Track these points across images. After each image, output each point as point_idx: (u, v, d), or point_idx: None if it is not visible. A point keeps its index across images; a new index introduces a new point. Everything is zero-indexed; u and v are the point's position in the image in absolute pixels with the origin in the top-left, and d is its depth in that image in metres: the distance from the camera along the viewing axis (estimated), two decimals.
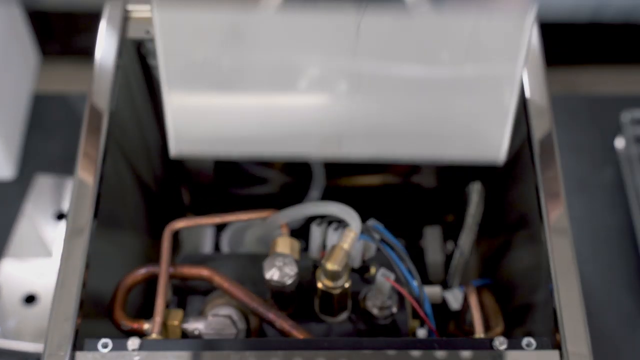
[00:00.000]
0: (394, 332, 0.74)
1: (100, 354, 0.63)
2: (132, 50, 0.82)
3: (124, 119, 0.82)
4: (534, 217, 0.71)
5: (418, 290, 0.73)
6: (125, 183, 0.83)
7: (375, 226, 0.74)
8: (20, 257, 1.16)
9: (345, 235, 0.69)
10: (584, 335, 0.63)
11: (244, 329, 0.72)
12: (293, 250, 0.73)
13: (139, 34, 0.80)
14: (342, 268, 0.68)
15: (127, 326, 0.70)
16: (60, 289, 0.65)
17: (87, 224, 0.69)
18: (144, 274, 0.73)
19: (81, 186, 0.71)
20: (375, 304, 0.73)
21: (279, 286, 0.69)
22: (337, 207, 0.72)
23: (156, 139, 0.95)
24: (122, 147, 0.81)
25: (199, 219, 0.77)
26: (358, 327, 0.74)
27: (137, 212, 0.88)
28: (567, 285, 0.65)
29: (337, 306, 0.72)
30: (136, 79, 0.85)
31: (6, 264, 1.15)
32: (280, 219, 0.76)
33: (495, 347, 0.63)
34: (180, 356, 0.63)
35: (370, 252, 0.75)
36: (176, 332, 0.72)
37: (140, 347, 0.63)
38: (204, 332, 0.71)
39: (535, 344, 0.63)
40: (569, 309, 0.64)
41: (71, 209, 0.70)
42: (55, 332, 0.63)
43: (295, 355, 0.63)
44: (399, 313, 0.74)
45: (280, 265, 0.69)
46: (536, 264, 0.71)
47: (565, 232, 0.68)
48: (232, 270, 0.77)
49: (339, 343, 0.64)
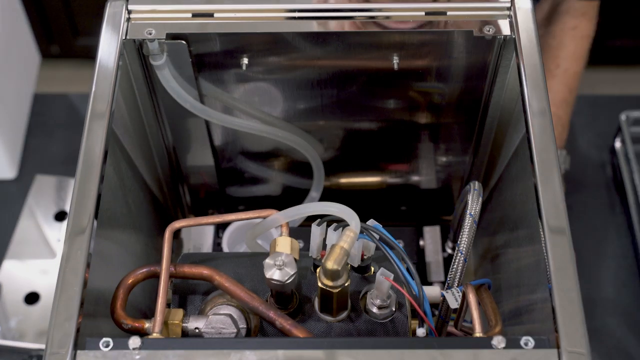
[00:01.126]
0: (394, 331, 0.74)
1: (101, 353, 0.63)
2: (133, 51, 0.82)
3: (125, 119, 0.83)
4: (533, 217, 0.71)
5: (417, 289, 0.73)
6: (126, 183, 0.83)
7: (375, 226, 0.74)
8: (21, 257, 1.17)
9: (345, 235, 0.69)
10: (583, 335, 0.63)
11: (244, 328, 0.72)
12: (293, 250, 0.73)
13: (140, 35, 0.81)
14: (341, 267, 0.68)
15: (128, 325, 0.71)
16: (61, 288, 0.66)
17: (88, 223, 0.69)
18: (144, 274, 0.74)
19: (82, 186, 0.71)
20: (375, 303, 0.74)
21: (279, 286, 0.70)
22: (337, 207, 0.73)
23: (157, 139, 0.95)
24: (123, 147, 0.82)
25: (199, 219, 0.78)
26: (358, 326, 0.74)
27: (137, 211, 0.88)
28: (566, 284, 0.65)
29: (337, 305, 0.73)
30: (137, 79, 0.85)
31: (7, 264, 1.15)
32: (280, 219, 0.76)
33: (494, 346, 0.63)
34: (180, 355, 0.63)
35: (369, 251, 0.76)
36: (177, 331, 0.72)
37: (141, 346, 0.63)
38: (204, 331, 0.71)
39: (533, 343, 0.63)
40: (567, 308, 0.64)
41: (72, 209, 0.70)
42: (56, 331, 0.64)
43: (295, 354, 0.63)
44: (399, 312, 0.75)
45: (280, 265, 0.69)
46: (535, 264, 0.71)
47: (563, 232, 0.68)
48: (232, 270, 0.77)
49: (338, 342, 0.65)
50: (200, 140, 0.97)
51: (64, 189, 1.24)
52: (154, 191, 0.96)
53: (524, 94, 0.76)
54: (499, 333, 0.71)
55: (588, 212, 1.21)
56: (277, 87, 0.90)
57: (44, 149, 1.30)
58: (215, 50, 0.85)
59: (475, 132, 0.95)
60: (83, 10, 2.07)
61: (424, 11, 0.81)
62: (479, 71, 0.87)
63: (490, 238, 0.93)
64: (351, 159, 1.01)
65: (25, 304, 1.11)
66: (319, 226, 0.73)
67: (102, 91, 0.76)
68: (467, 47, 0.84)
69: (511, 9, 0.81)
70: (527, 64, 0.78)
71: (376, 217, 0.75)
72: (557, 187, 0.70)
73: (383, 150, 1.00)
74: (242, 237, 1.05)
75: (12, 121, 1.28)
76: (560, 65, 1.10)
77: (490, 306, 0.77)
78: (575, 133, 1.28)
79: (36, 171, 1.26)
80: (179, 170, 1.02)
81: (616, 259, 1.17)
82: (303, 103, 0.92)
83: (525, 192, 0.75)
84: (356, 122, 0.96)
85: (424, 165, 1.03)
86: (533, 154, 0.72)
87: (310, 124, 0.95)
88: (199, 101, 0.90)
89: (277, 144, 0.98)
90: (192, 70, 0.86)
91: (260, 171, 1.04)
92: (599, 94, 1.43)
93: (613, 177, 1.25)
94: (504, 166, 0.87)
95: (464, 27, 0.81)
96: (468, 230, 0.79)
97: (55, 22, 2.11)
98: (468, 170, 1.02)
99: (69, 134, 1.31)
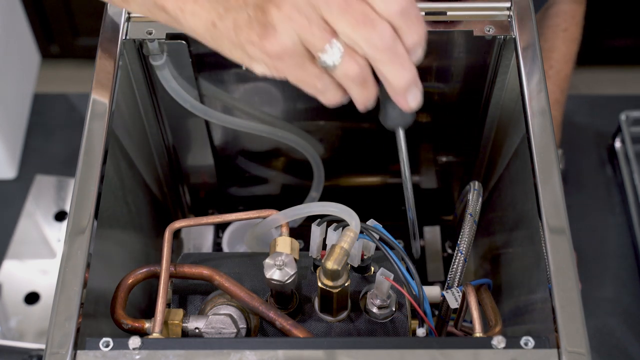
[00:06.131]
0: (394, 331, 0.74)
1: (101, 353, 0.63)
2: (133, 51, 0.82)
3: (125, 119, 0.83)
4: (533, 217, 0.71)
5: (417, 289, 0.73)
6: (126, 183, 0.83)
7: (375, 226, 0.74)
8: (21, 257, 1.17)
9: (345, 235, 0.69)
10: (583, 335, 0.63)
11: (244, 328, 0.72)
12: (293, 250, 0.73)
13: (140, 35, 0.81)
14: (341, 267, 0.68)
15: (128, 325, 0.71)
16: (61, 288, 0.66)
17: (88, 223, 0.69)
18: (144, 274, 0.74)
19: (82, 186, 0.71)
20: (375, 303, 0.74)
21: (279, 286, 0.70)
22: (337, 207, 0.73)
23: (157, 139, 0.95)
24: (123, 147, 0.82)
25: (199, 219, 0.78)
26: (357, 326, 0.74)
27: (138, 211, 0.88)
28: (566, 284, 0.66)
29: (337, 305, 0.73)
30: (137, 79, 0.85)
31: (7, 264, 1.15)
32: (280, 219, 0.76)
33: (494, 346, 0.63)
34: (180, 355, 0.63)
35: (369, 251, 0.76)
36: (177, 331, 0.72)
37: (141, 346, 0.63)
38: (204, 331, 0.71)
39: (533, 342, 0.63)
40: (567, 309, 0.64)
41: (72, 209, 0.70)
42: (56, 331, 0.64)
43: (295, 354, 0.63)
44: (399, 312, 0.75)
45: (280, 264, 0.69)
46: (535, 264, 0.71)
47: (563, 232, 0.68)
48: (232, 270, 0.77)
49: (338, 342, 0.65)
50: (200, 140, 0.97)
51: (64, 189, 1.24)
52: (154, 191, 0.96)
53: (524, 94, 0.76)
54: (499, 333, 0.71)
55: (588, 212, 1.21)
56: (277, 87, 0.90)
57: (44, 149, 1.30)
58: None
59: (475, 132, 0.95)
60: (83, 10, 2.07)
61: (424, 11, 0.81)
62: (479, 71, 0.87)
63: (490, 238, 0.93)
64: (351, 159, 1.01)
65: (25, 304, 1.11)
66: (319, 226, 0.73)
67: (102, 91, 0.76)
68: (467, 47, 0.84)
69: (511, 9, 0.81)
70: (527, 64, 0.78)
71: (376, 217, 0.75)
72: (557, 187, 0.70)
73: (383, 150, 1.00)
74: (242, 237, 1.05)
75: (12, 121, 1.28)
76: (553, 66, 1.11)
77: (490, 306, 0.77)
78: (575, 133, 1.28)
79: (36, 171, 1.26)
80: (179, 170, 1.02)
81: (616, 259, 1.17)
82: (303, 103, 0.92)
83: (525, 192, 0.75)
84: (356, 122, 0.96)
85: (424, 165, 1.03)
86: (533, 154, 0.72)
87: (310, 124, 0.95)
88: (199, 101, 0.90)
89: (277, 144, 0.98)
90: (192, 70, 0.86)
91: (260, 171, 1.04)
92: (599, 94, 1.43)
93: (613, 177, 1.25)
94: (504, 166, 0.87)
95: (464, 27, 0.81)
96: (468, 230, 0.79)
97: (55, 22, 2.11)
98: (468, 170, 1.02)
99: (69, 134, 1.31)
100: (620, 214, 1.21)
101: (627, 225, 1.20)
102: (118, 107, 0.78)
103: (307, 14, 0.58)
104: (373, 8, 0.59)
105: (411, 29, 0.60)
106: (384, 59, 0.60)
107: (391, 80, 0.62)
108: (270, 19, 0.59)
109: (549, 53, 1.12)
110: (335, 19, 0.58)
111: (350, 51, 0.60)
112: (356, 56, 0.60)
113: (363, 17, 0.58)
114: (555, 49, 1.13)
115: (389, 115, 0.70)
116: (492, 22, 0.81)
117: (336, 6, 0.58)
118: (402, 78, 0.62)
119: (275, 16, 0.58)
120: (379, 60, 0.60)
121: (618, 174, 1.23)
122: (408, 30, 0.60)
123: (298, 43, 0.59)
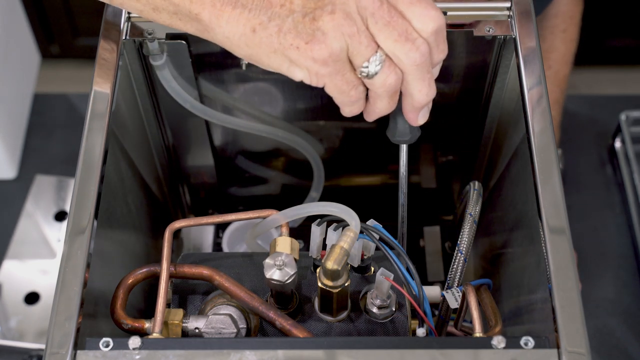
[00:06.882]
0: (394, 331, 0.74)
1: (101, 353, 0.63)
2: (133, 51, 0.82)
3: (125, 119, 0.83)
4: (533, 217, 0.71)
5: (417, 289, 0.73)
6: (126, 183, 0.83)
7: (375, 226, 0.74)
8: (21, 257, 1.17)
9: (345, 235, 0.69)
10: (583, 335, 0.63)
11: (244, 328, 0.72)
12: (293, 250, 0.73)
13: (140, 35, 0.81)
14: (341, 267, 0.68)
15: (128, 325, 0.71)
16: (61, 288, 0.66)
17: (88, 223, 0.69)
18: (144, 274, 0.74)
19: (82, 186, 0.71)
20: (375, 303, 0.74)
21: (279, 286, 0.70)
22: (337, 207, 0.73)
23: (157, 139, 0.95)
24: (123, 147, 0.82)
25: (199, 219, 0.78)
26: (358, 326, 0.74)
27: (138, 211, 0.88)
28: (566, 284, 0.66)
29: (337, 305, 0.73)
30: (137, 79, 0.85)
31: (7, 264, 1.15)
32: (280, 219, 0.76)
33: (494, 346, 0.63)
34: (180, 355, 0.63)
35: (369, 251, 0.76)
36: (177, 331, 0.72)
37: (141, 346, 0.63)
38: (204, 331, 0.71)
39: (533, 342, 0.63)
40: (567, 309, 0.64)
41: (72, 209, 0.70)
42: (56, 331, 0.64)
43: (295, 354, 0.63)
44: (399, 312, 0.75)
45: (280, 264, 0.69)
46: (535, 264, 0.71)
47: (563, 232, 0.68)
48: (232, 270, 0.77)
49: (338, 342, 0.65)
50: (200, 140, 0.98)
51: (64, 189, 1.24)
52: (154, 191, 0.96)
53: (524, 94, 0.76)
54: (499, 333, 0.71)
55: (588, 212, 1.21)
56: (277, 87, 0.90)
57: (44, 149, 1.30)
58: (215, 50, 0.85)
59: (475, 132, 0.95)
60: (83, 10, 2.07)
61: None
62: (479, 71, 0.87)
63: (490, 238, 0.93)
64: (351, 159, 1.01)
65: (25, 304, 1.11)
66: (319, 226, 0.73)
67: (102, 91, 0.76)
68: (467, 47, 0.84)
69: (511, 9, 0.81)
70: (527, 63, 0.78)
71: (376, 217, 0.75)
72: (557, 187, 0.70)
73: (383, 150, 1.00)
74: (242, 237, 1.05)
75: (12, 121, 1.28)
76: (551, 67, 1.12)
77: (490, 306, 0.77)
78: (575, 133, 1.28)
79: (36, 171, 1.26)
80: (179, 170, 1.02)
81: (616, 259, 1.17)
82: (303, 103, 0.93)
83: (525, 192, 0.75)
84: (356, 122, 0.96)
85: (424, 165, 1.03)
86: (533, 154, 0.72)
87: (310, 124, 0.95)
88: (199, 101, 0.90)
89: (277, 144, 0.98)
90: (192, 70, 0.86)
91: (260, 171, 1.04)
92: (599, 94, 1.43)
93: (613, 177, 1.25)
94: (504, 166, 0.87)
95: (464, 27, 0.81)
96: (468, 230, 0.79)
97: (55, 22, 2.11)
98: (468, 170, 1.02)
99: (69, 134, 1.31)
100: (620, 214, 1.21)
101: (627, 225, 1.20)
102: (118, 107, 0.78)
103: (357, 23, 0.61)
104: (411, 25, 0.62)
105: (439, 47, 0.64)
106: (417, 75, 0.63)
107: (415, 96, 0.65)
108: (321, 24, 0.60)
109: (548, 53, 1.12)
110: (379, 31, 0.61)
111: (390, 62, 0.62)
112: (396, 68, 0.63)
113: (405, 32, 0.61)
114: (554, 49, 1.13)
115: (399, 130, 0.73)
116: (492, 22, 0.81)
117: (382, 19, 0.61)
118: (425, 95, 0.65)
119: (327, 22, 0.60)
120: (413, 75, 0.63)
121: (618, 174, 1.23)
122: (437, 48, 0.63)
123: (344, 50, 0.61)
